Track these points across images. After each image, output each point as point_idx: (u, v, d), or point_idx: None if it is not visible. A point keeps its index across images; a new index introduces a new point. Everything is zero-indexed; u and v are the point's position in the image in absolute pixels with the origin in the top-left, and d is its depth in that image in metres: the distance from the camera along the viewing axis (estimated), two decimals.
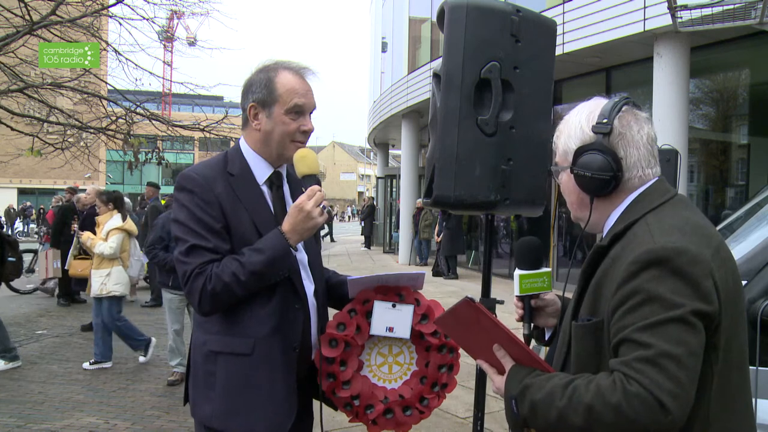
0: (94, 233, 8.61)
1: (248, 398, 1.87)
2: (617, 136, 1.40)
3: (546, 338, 1.81)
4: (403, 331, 2.02)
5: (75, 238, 8.62)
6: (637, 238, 1.30)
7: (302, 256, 2.02)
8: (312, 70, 2.03)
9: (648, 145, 1.42)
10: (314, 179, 1.91)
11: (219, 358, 1.90)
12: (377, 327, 2.02)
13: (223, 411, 1.88)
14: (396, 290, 2.06)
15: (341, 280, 2.17)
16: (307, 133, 1.98)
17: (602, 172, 1.38)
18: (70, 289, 9.50)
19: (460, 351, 2.00)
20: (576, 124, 1.45)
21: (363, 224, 23.13)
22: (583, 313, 1.37)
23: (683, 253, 1.22)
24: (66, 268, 8.48)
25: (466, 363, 1.99)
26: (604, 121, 1.39)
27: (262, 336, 1.87)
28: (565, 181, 1.50)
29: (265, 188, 2.00)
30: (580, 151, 1.41)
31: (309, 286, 2.01)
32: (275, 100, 1.93)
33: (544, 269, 1.77)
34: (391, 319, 2.02)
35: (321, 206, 1.85)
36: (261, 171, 2.00)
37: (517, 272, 1.76)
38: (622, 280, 1.25)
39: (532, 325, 1.79)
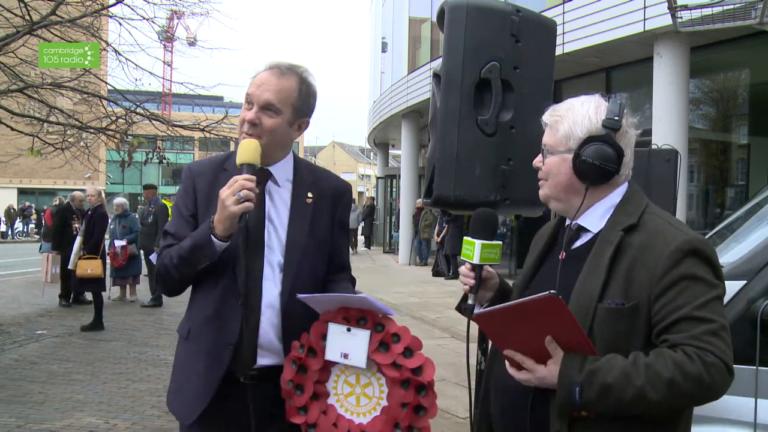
0: (102, 233, 8.65)
1: (181, 380, 1.98)
2: (622, 134, 1.53)
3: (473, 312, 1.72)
4: (359, 358, 1.77)
5: (78, 238, 8.62)
6: (660, 229, 1.46)
7: (274, 257, 1.93)
8: (289, 65, 1.94)
9: (633, 148, 1.57)
10: (250, 168, 1.82)
11: (179, 340, 2.03)
12: (332, 352, 1.80)
13: (170, 390, 2.03)
14: (360, 313, 1.82)
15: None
16: (247, 123, 1.89)
17: (609, 163, 1.49)
18: (72, 289, 9.49)
19: (436, 389, 1.77)
20: (584, 114, 1.54)
21: (363, 224, 23.10)
22: (612, 297, 1.44)
23: (709, 245, 1.44)
24: (72, 268, 8.47)
25: (464, 364, 1.93)
26: (616, 118, 1.51)
27: (197, 323, 1.94)
28: (555, 163, 1.57)
29: None
30: (589, 140, 1.51)
31: (271, 288, 1.90)
32: None
33: (497, 241, 1.78)
34: (345, 344, 1.79)
35: (237, 195, 1.75)
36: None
37: (478, 241, 1.74)
38: (668, 267, 1.39)
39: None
